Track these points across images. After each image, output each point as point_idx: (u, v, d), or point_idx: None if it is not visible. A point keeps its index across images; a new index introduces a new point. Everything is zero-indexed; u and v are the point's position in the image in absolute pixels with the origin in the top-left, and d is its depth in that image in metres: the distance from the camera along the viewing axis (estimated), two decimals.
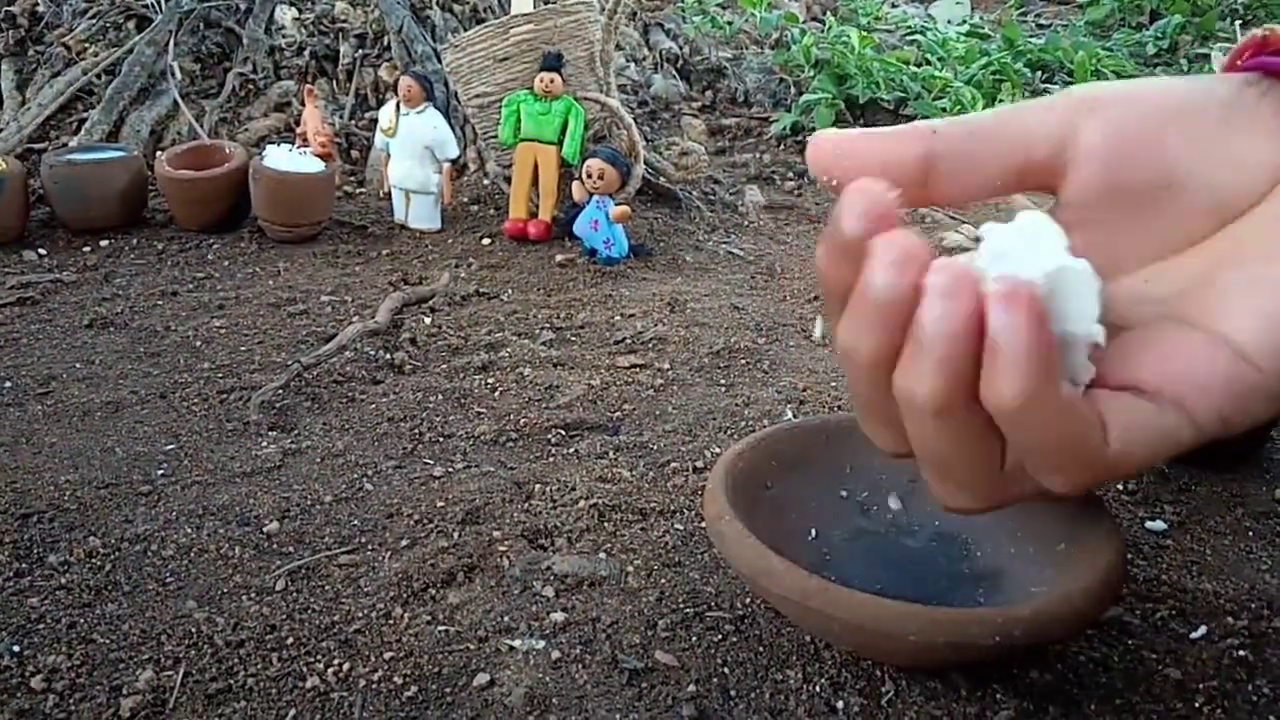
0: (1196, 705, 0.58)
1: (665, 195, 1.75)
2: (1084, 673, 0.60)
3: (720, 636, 0.64)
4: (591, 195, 1.48)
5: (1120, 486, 0.82)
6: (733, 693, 0.59)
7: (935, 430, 0.35)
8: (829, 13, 2.76)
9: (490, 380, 1.06)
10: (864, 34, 2.49)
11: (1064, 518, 0.63)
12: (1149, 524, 0.77)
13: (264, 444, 0.92)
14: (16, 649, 0.64)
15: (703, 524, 0.74)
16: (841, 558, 0.67)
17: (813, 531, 0.68)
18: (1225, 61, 0.41)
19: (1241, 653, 0.62)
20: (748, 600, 0.67)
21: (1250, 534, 0.76)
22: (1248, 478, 0.83)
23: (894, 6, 3.40)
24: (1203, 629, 0.64)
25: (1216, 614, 0.66)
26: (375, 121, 1.78)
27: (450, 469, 0.88)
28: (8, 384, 1.06)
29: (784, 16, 2.62)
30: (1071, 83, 2.06)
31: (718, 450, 0.89)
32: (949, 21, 3.23)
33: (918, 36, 2.83)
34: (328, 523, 0.79)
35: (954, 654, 0.54)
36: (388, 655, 0.63)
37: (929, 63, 2.56)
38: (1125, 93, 0.40)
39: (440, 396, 1.02)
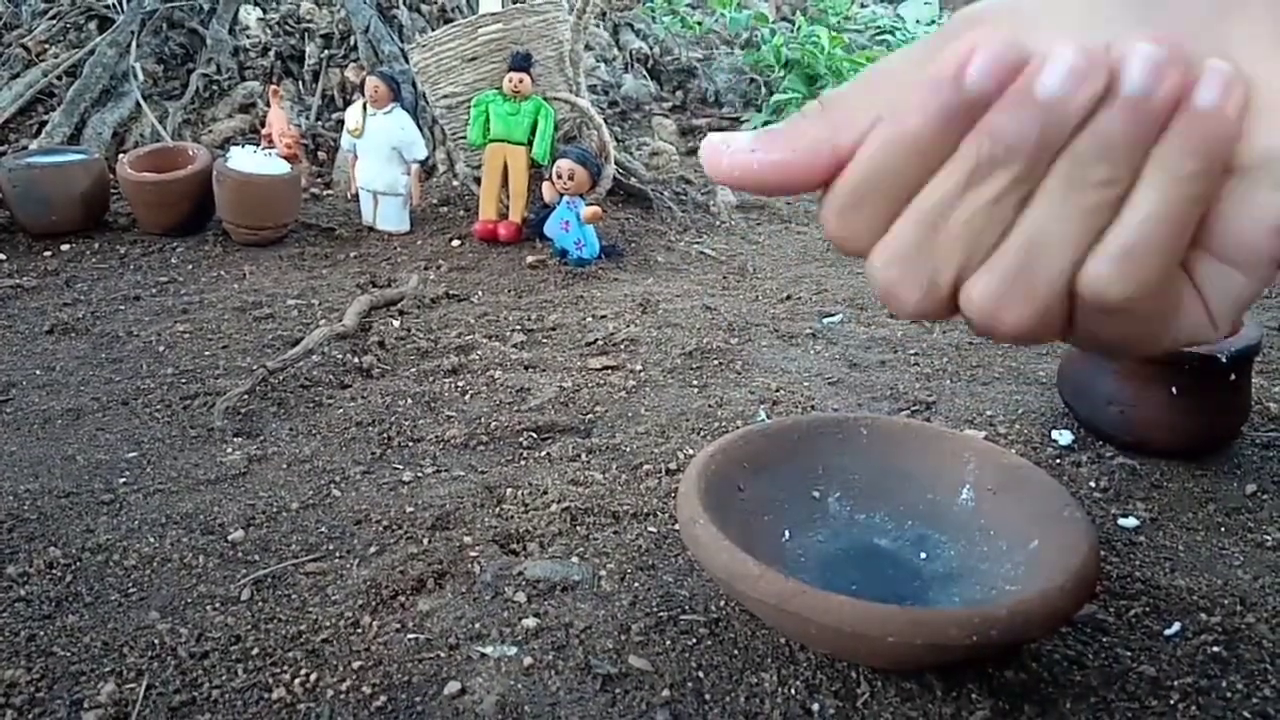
0: (1172, 702, 0.58)
1: (636, 196, 1.75)
2: (1059, 671, 0.60)
3: (694, 640, 0.63)
4: (562, 196, 1.47)
5: (1092, 483, 0.82)
6: (707, 697, 0.58)
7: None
8: (799, 12, 2.76)
9: (460, 383, 1.05)
10: (834, 34, 2.50)
11: (1035, 515, 0.63)
12: (1121, 520, 0.77)
13: (228, 450, 0.91)
14: None
15: (676, 527, 0.73)
16: (815, 559, 0.66)
17: (786, 533, 0.67)
18: None
19: (1216, 649, 0.62)
20: (721, 603, 0.66)
21: (1222, 530, 0.76)
22: (1219, 474, 0.84)
23: (863, 6, 3.41)
24: (1177, 625, 0.64)
25: (1190, 610, 0.66)
26: (342, 122, 1.76)
27: (420, 474, 0.86)
28: None
29: (754, 16, 2.63)
30: None
31: (691, 452, 0.88)
32: (918, 21, 3.25)
33: (887, 36, 2.85)
34: (294, 530, 0.77)
35: (932, 654, 0.54)
36: (356, 665, 0.62)
37: None
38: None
39: (409, 400, 1.01)
